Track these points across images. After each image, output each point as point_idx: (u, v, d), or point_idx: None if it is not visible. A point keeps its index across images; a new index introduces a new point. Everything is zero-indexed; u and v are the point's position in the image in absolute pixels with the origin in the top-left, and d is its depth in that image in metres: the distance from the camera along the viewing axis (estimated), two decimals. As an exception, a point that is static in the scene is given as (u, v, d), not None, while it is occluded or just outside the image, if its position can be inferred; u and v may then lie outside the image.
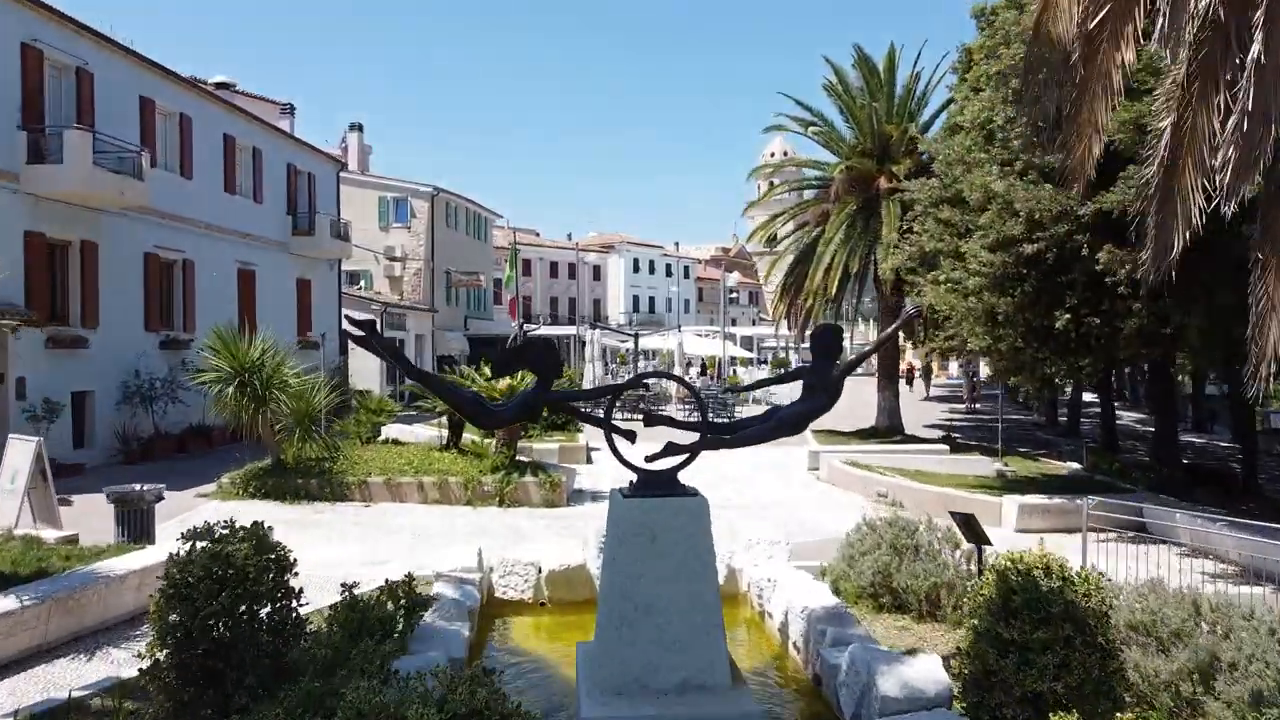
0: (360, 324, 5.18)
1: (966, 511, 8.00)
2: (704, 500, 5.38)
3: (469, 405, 5.18)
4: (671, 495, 5.28)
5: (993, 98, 14.60)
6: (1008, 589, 4.96)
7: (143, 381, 18.93)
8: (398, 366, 5.40)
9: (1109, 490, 16.36)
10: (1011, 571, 5.05)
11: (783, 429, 5.51)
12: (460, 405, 5.23)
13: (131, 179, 17.83)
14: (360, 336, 5.22)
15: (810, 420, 5.64)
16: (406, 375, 5.57)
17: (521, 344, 5.62)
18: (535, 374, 5.26)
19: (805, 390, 5.58)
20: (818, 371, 5.54)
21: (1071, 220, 12.40)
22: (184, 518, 13.42)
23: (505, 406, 5.38)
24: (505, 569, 8.81)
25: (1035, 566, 5.04)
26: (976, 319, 14.09)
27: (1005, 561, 5.20)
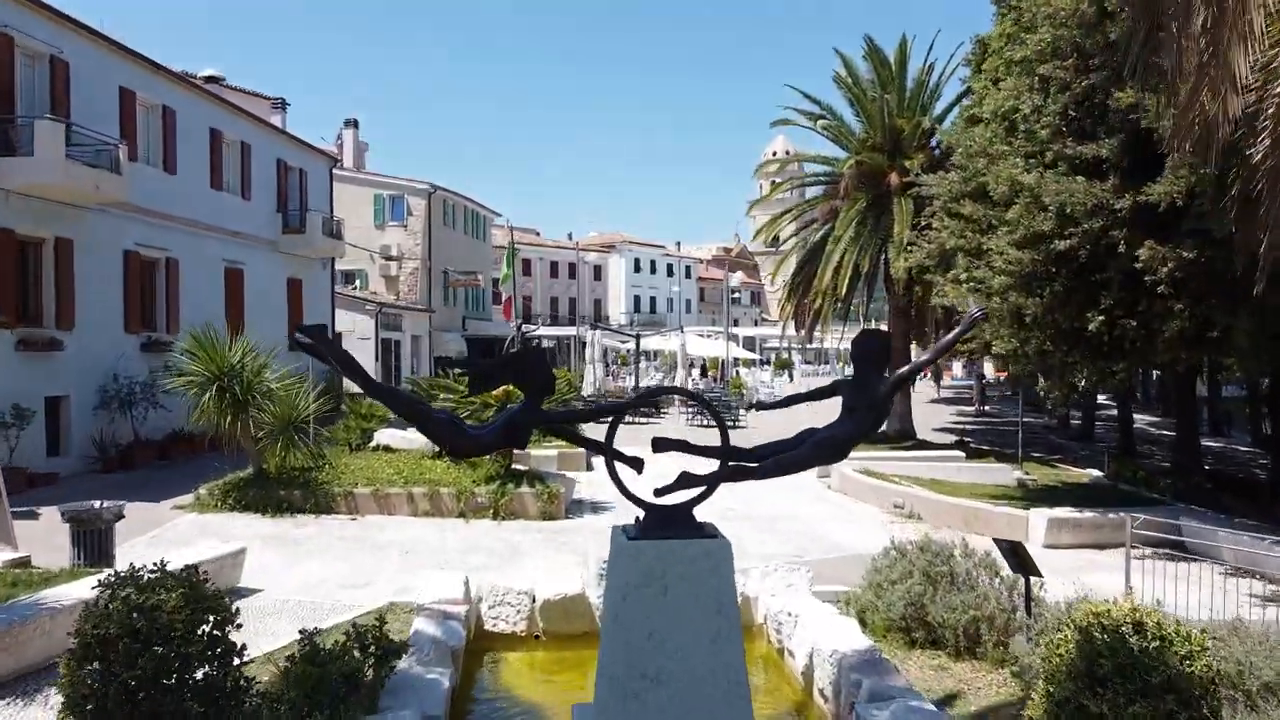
0: (308, 330, 4.33)
1: (1012, 539, 7.13)
2: (727, 543, 4.51)
3: (442, 429, 4.33)
4: (688, 537, 4.42)
5: (1017, 85, 13.75)
6: (1093, 651, 4.11)
7: (122, 386, 18.07)
8: (355, 381, 4.56)
9: (1135, 500, 15.53)
10: (1095, 628, 4.20)
11: (820, 455, 4.66)
12: (430, 429, 4.39)
13: (108, 173, 16.97)
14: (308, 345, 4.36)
15: (853, 445, 4.78)
16: (365, 391, 4.65)
17: (508, 354, 4.78)
18: (523, 390, 4.42)
19: (846, 409, 4.73)
20: (861, 386, 4.69)
21: (1106, 214, 11.55)
22: (156, 534, 12.57)
23: (486, 430, 4.51)
24: (495, 598, 7.96)
25: (1124, 622, 4.18)
26: (1001, 320, 13.23)
27: (1089, 616, 4.34)
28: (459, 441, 4.41)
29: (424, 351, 38.34)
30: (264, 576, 10.39)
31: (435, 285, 40.88)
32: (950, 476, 17.70)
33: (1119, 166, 11.71)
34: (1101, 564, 12.31)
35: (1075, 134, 12.52)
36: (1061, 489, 16.90)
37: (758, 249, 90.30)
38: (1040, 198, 12.17)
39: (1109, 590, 10.90)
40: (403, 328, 35.89)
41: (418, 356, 37.51)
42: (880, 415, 4.69)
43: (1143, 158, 11.62)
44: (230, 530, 12.79)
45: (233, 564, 9.68)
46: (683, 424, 29.96)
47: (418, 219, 39.86)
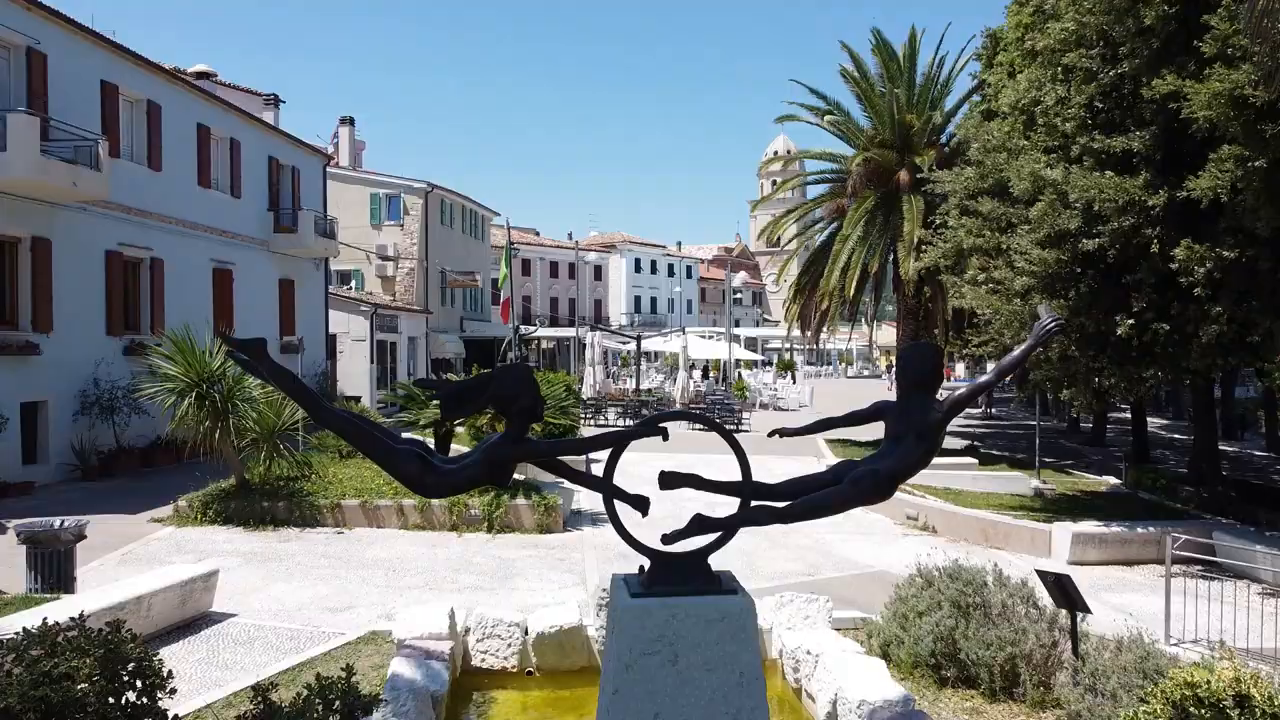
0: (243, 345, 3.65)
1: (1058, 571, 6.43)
2: (749, 602, 3.81)
3: (407, 464, 3.65)
4: (702, 593, 3.72)
5: (1039, 77, 13.05)
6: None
7: (102, 391, 17.38)
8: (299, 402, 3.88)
9: (1159, 512, 14.85)
10: (1191, 701, 3.50)
11: (859, 494, 3.96)
12: (391, 465, 3.71)
13: (87, 169, 16.26)
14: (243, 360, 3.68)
15: (900, 482, 4.08)
16: (314, 418, 3.95)
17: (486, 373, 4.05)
18: (504, 415, 3.75)
19: (890, 438, 4.03)
20: (908, 410, 3.99)
21: (1138, 211, 10.85)
22: (128, 550, 11.87)
23: (460, 465, 3.82)
24: (484, 630, 7.26)
25: (1225, 695, 3.49)
26: (1023, 324, 12.54)
27: (1181, 688, 3.63)
28: (426, 480, 3.72)
29: (420, 353, 37.64)
30: (240, 599, 9.72)
31: (432, 286, 40.17)
32: (964, 485, 17.03)
33: (1152, 160, 11.01)
34: (1132, 583, 11.63)
35: (1103, 126, 11.82)
36: (1080, 498, 16.23)
37: (759, 249, 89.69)
38: (1066, 194, 11.48)
39: (1144, 613, 10.25)
40: (399, 329, 35.19)
41: (414, 358, 36.81)
42: (932, 446, 4.00)
43: (1177, 151, 10.93)
44: (208, 546, 12.11)
45: (204, 587, 8.98)
46: (684, 427, 29.31)
47: (414, 218, 39.14)
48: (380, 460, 3.77)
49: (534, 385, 3.79)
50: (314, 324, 28.30)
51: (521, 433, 3.76)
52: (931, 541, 13.74)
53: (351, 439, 3.83)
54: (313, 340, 27.72)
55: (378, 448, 3.73)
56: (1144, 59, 10.82)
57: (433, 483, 3.72)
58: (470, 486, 4.01)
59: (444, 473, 3.75)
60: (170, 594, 8.58)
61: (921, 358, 4.14)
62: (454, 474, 3.77)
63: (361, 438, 3.77)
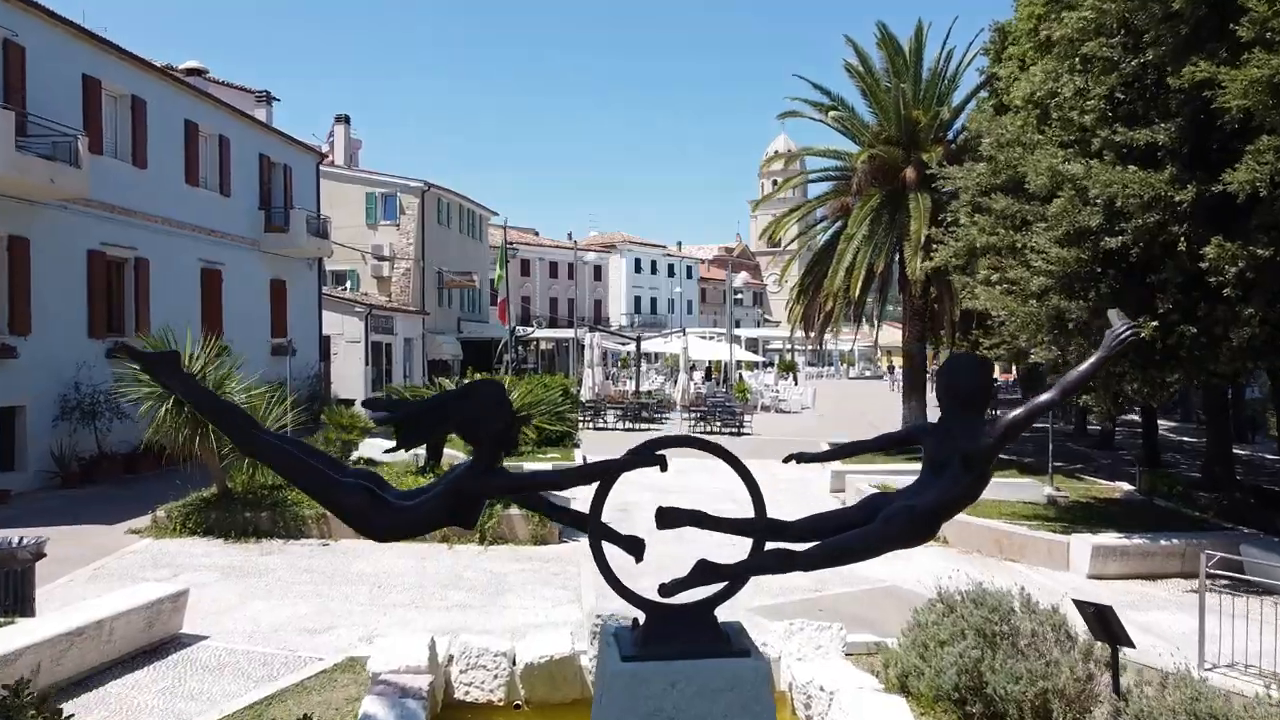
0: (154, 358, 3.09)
1: (1099, 602, 5.86)
2: (764, 666, 3.24)
3: (352, 500, 3.09)
4: (708, 655, 3.15)
5: (1055, 68, 12.48)
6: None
7: (84, 395, 16.81)
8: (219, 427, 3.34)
9: (1178, 521, 14.28)
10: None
11: (896, 533, 3.38)
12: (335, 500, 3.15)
13: (66, 166, 15.69)
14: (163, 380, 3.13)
15: (944, 519, 3.52)
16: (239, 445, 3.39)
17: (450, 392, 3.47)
18: (472, 442, 3.20)
19: (931, 464, 3.46)
20: (954, 433, 3.42)
21: (1163, 207, 10.28)
22: (101, 565, 11.29)
23: (420, 500, 3.26)
24: (469, 660, 6.69)
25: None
26: (1039, 326, 11.97)
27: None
28: (375, 519, 3.16)
29: (417, 355, 37.08)
30: (214, 619, 9.17)
31: (429, 286, 39.60)
32: (974, 492, 16.43)
33: (1178, 154, 10.45)
34: (1156, 599, 11.06)
35: (1124, 119, 11.25)
36: (1095, 506, 15.65)
37: (760, 249, 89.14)
38: (1086, 190, 10.91)
39: (1173, 633, 9.67)
40: (395, 330, 34.62)
41: (410, 360, 36.26)
42: (982, 477, 3.42)
43: (1205, 144, 10.37)
44: (185, 560, 11.54)
45: (172, 608, 8.43)
46: (685, 430, 28.76)
47: (411, 218, 38.58)
48: (320, 496, 3.23)
49: (506, 406, 3.23)
50: (307, 325, 27.74)
51: (492, 462, 3.20)
52: (943, 553, 13.18)
53: (285, 471, 3.28)
54: (306, 342, 27.15)
55: (316, 481, 3.18)
56: (1170, 46, 10.25)
57: (383, 523, 3.17)
58: (429, 527, 3.44)
59: (398, 510, 3.19)
60: (135, 616, 8.02)
61: (967, 371, 3.55)
62: (409, 512, 3.21)
63: (296, 469, 3.22)
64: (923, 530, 3.43)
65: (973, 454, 3.37)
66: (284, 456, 3.31)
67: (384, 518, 3.18)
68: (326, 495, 3.23)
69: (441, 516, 3.25)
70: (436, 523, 3.32)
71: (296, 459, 3.27)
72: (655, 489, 3.42)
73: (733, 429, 27.95)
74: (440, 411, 3.27)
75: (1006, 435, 3.55)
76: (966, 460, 3.37)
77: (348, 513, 3.19)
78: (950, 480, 3.37)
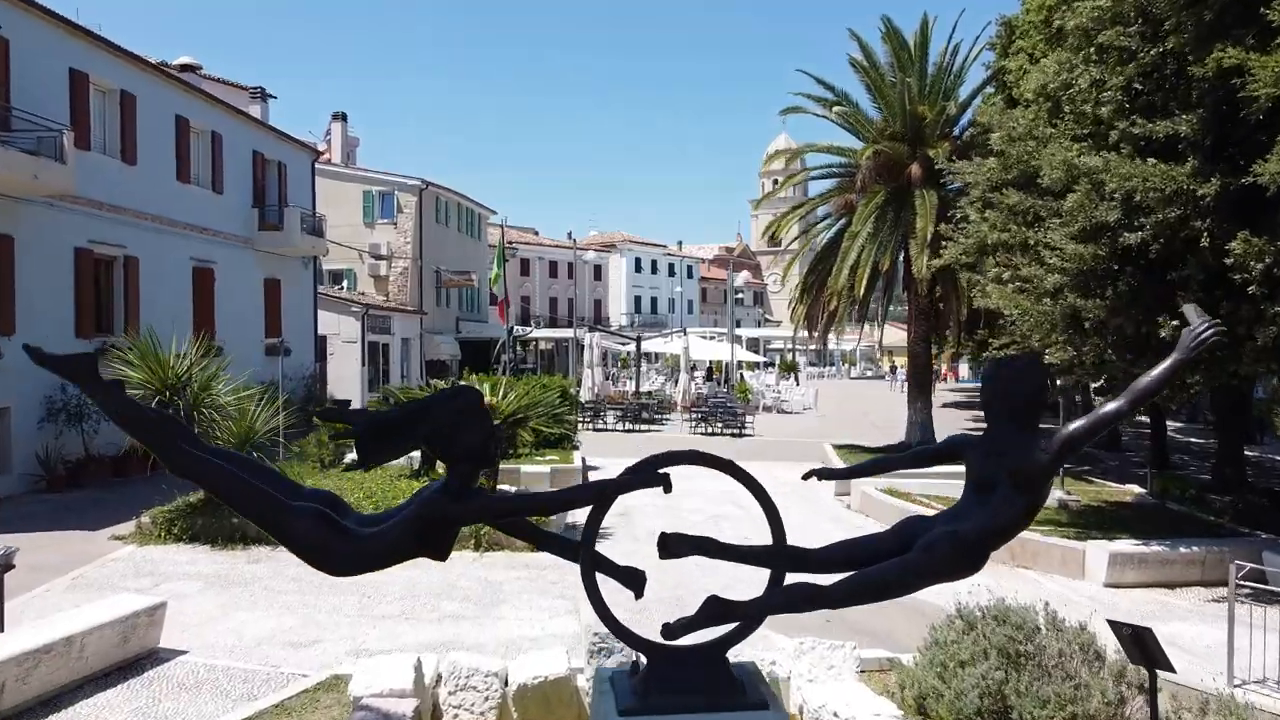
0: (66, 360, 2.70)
1: (1136, 624, 5.45)
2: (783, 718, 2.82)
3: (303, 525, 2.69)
4: (719, 707, 2.74)
5: (1070, 59, 12.08)
6: None
7: (70, 397, 16.41)
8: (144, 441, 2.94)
9: (1190, 524, 13.90)
10: None
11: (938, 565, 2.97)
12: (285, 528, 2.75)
13: (51, 162, 15.29)
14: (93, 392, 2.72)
15: (993, 548, 3.10)
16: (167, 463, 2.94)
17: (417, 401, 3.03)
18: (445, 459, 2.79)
19: (976, 483, 3.04)
20: (1002, 449, 3.00)
21: (1185, 202, 9.87)
22: (80, 573, 10.88)
23: (384, 528, 2.84)
24: (458, 681, 6.28)
25: None
26: (1054, 325, 11.56)
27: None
28: (334, 549, 2.75)
29: (414, 355, 36.67)
30: (194, 632, 8.77)
31: (427, 286, 39.19)
32: (983, 496, 16.03)
33: (1200, 146, 10.04)
34: (1177, 609, 10.64)
35: (1142, 110, 10.84)
36: (1107, 510, 15.25)
37: (761, 249, 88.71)
38: (1103, 184, 10.50)
39: (1198, 646, 9.26)
40: (392, 330, 34.21)
41: (408, 360, 35.85)
42: (1036, 500, 3.01)
43: (1230, 136, 9.97)
44: (169, 568, 11.13)
45: (149, 622, 8.02)
46: (685, 431, 28.34)
47: (409, 216, 38.15)
48: (267, 523, 2.81)
49: (482, 417, 2.82)
50: (302, 325, 27.33)
51: (466, 483, 2.80)
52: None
53: (223, 493, 2.86)
54: (301, 342, 26.73)
55: (261, 505, 2.76)
56: (1193, 34, 9.84)
57: (343, 553, 2.76)
58: (396, 558, 3.02)
59: (359, 540, 2.78)
60: (109, 631, 7.61)
61: (1019, 376, 3.11)
62: (372, 542, 2.80)
63: (237, 491, 2.80)
64: (969, 561, 3.00)
65: (1026, 473, 2.95)
66: (221, 477, 2.86)
67: (344, 545, 2.76)
68: (275, 522, 2.81)
69: (408, 545, 2.84)
70: (404, 553, 2.91)
71: (237, 479, 2.83)
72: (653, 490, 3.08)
73: (734, 430, 27.56)
74: (408, 423, 2.86)
75: (1065, 451, 3.12)
76: (1018, 480, 2.95)
77: (300, 543, 2.78)
78: (1000, 503, 2.95)
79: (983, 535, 2.99)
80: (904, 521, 3.25)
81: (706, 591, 3.11)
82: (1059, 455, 3.06)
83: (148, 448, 2.96)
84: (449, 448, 2.83)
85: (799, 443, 24.91)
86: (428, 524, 2.81)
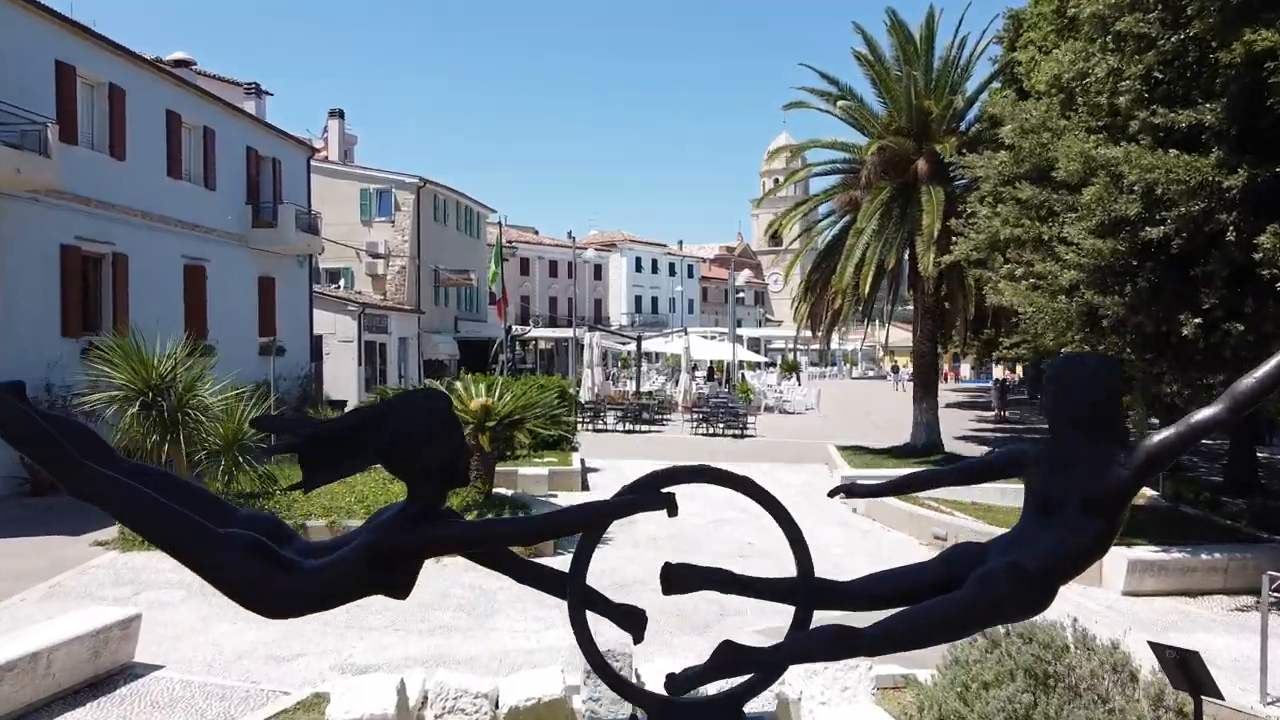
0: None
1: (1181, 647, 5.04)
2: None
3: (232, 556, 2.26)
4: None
5: (1086, 48, 11.66)
6: None
7: (55, 397, 15.97)
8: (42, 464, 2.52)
9: (1206, 528, 13.46)
10: None
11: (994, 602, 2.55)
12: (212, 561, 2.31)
13: (34, 156, 14.88)
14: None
15: (1064, 582, 2.68)
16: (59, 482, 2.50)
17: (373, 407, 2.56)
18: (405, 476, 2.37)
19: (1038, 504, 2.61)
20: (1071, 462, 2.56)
21: (1210, 194, 9.45)
22: (59, 581, 10.45)
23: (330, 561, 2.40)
24: (445, 703, 5.87)
25: None
26: (1070, 323, 11.14)
27: None
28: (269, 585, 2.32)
29: (412, 355, 36.26)
30: (172, 645, 8.35)
31: (425, 285, 38.77)
32: (993, 500, 15.56)
33: (1225, 136, 9.62)
34: (1200, 619, 10.21)
35: (1163, 100, 10.42)
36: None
37: (762, 248, 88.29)
38: (1122, 176, 10.08)
39: (1225, 659, 8.81)
40: (389, 329, 33.80)
41: (405, 360, 35.44)
42: (1113, 523, 2.58)
43: (1257, 125, 9.55)
44: (150, 575, 10.71)
45: (122, 635, 7.59)
46: (687, 432, 27.91)
47: (406, 214, 37.73)
48: (193, 556, 2.36)
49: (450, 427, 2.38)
50: (297, 324, 26.92)
51: (430, 506, 2.37)
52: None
53: (136, 518, 2.40)
54: (296, 342, 26.35)
55: (185, 533, 2.31)
56: (1218, 18, 9.42)
57: (281, 590, 2.33)
58: (343, 598, 2.57)
59: (302, 575, 2.34)
60: (79, 646, 7.19)
61: (1089, 378, 2.63)
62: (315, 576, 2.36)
63: (155, 516, 2.32)
64: (1033, 599, 2.56)
65: (1102, 492, 2.49)
66: (131, 499, 2.38)
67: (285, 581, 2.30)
68: (200, 554, 2.35)
69: (357, 584, 2.39)
70: (352, 591, 2.46)
71: (152, 502, 2.36)
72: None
73: (736, 431, 27.17)
74: (359, 433, 2.41)
75: (1150, 467, 2.65)
76: (1089, 501, 2.49)
77: (230, 579, 2.32)
78: (1069, 529, 2.51)
79: (1049, 567, 2.55)
80: (953, 549, 2.81)
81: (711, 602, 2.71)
82: (1142, 472, 2.60)
83: (41, 466, 2.54)
84: (410, 463, 2.39)
85: (802, 444, 24.49)
86: (377, 557, 2.36)
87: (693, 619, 8.91)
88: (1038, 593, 2.57)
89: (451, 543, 2.51)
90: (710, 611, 9.01)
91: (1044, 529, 2.58)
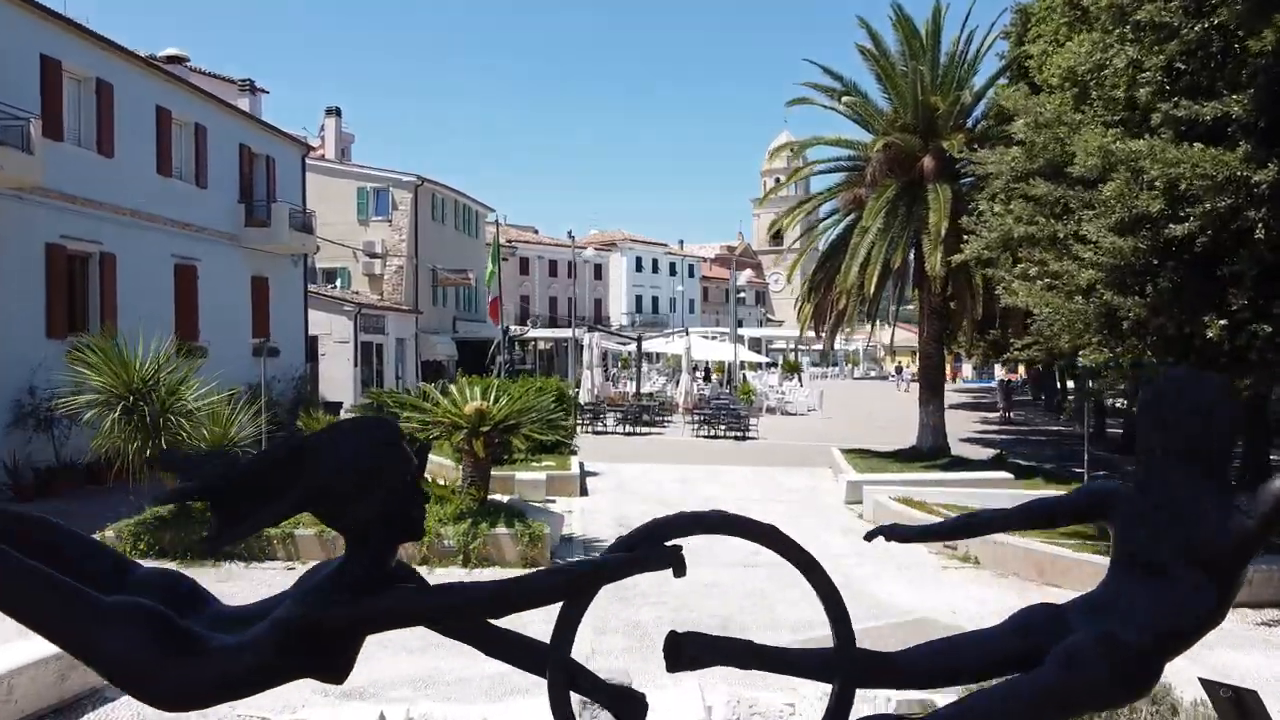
0: None
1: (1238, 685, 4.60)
2: None
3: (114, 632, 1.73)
4: None
5: (1103, 39, 11.24)
6: None
7: (40, 400, 15.57)
8: None
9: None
10: None
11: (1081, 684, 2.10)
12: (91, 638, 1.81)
13: (16, 151, 14.46)
14: None
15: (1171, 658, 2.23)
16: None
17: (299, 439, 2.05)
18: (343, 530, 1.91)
19: (1131, 563, 2.15)
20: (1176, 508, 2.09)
21: (1237, 189, 9.03)
22: (33, 594, 10.06)
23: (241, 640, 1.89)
24: (430, 737, 5.44)
25: None
26: (1087, 325, 10.72)
27: None
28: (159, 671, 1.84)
29: (409, 355, 35.84)
30: (146, 665, 7.91)
31: (423, 284, 38.36)
32: (1003, 505, 15.17)
33: (1253, 129, 9.20)
34: (1225, 634, 9.62)
35: (1185, 91, 10.01)
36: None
37: (763, 248, 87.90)
38: (1144, 171, 9.66)
39: (1255, 677, 8.30)
40: (386, 330, 33.39)
41: (403, 361, 35.03)
42: (1232, 585, 2.13)
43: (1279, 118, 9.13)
44: (130, 588, 10.29)
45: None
46: (688, 434, 27.50)
47: (404, 213, 37.32)
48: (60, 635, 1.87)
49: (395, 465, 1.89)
50: (292, 325, 26.49)
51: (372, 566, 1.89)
52: (976, 576, 11.98)
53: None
54: (290, 342, 25.89)
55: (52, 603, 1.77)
56: (1245, 5, 9.00)
57: (178, 678, 1.85)
58: (264, 684, 2.10)
59: (208, 658, 1.88)
60: (44, 669, 6.76)
61: (1208, 405, 2.08)
62: (223, 659, 1.89)
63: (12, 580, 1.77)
64: (1133, 682, 2.09)
65: (1221, 547, 2.00)
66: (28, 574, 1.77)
67: (175, 670, 1.83)
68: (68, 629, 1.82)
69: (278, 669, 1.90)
70: (273, 677, 1.98)
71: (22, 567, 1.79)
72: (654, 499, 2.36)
73: (738, 433, 26.79)
74: (280, 473, 1.92)
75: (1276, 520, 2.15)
76: (1205, 558, 2.00)
77: (108, 661, 1.85)
78: (1182, 591, 2.02)
79: (1153, 642, 2.07)
80: (1025, 613, 2.31)
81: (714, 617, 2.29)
82: (1270, 521, 2.12)
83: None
84: (343, 515, 1.89)
85: (805, 446, 24.09)
86: (302, 635, 1.87)
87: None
88: (1143, 672, 2.10)
89: (399, 617, 2.04)
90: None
91: (1144, 591, 2.11)
